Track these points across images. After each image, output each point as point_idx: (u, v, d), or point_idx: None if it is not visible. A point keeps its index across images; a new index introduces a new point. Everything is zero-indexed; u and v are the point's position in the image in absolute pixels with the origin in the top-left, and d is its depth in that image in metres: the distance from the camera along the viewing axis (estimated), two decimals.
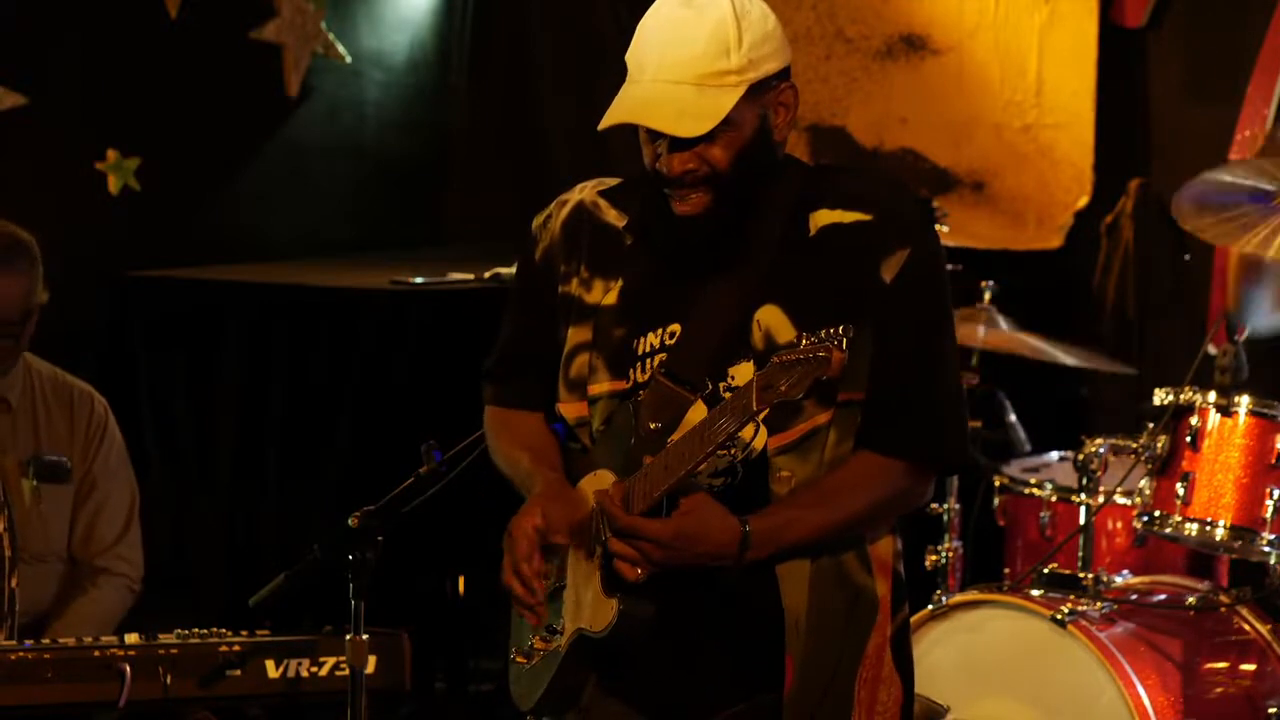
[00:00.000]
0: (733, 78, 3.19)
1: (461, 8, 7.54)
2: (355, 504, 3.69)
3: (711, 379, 3.25)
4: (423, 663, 4.54)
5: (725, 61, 3.18)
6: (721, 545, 3.18)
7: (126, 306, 6.33)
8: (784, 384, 3.02)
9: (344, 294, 6.30)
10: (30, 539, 4.58)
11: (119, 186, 6.40)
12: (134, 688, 4.08)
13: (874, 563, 3.31)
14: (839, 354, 3.00)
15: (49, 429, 4.68)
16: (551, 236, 3.44)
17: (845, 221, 3.26)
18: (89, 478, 4.71)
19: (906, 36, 6.76)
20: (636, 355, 3.31)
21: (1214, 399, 4.80)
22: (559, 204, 3.47)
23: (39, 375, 4.71)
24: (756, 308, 3.25)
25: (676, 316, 3.30)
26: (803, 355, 3.02)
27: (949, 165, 6.71)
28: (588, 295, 3.36)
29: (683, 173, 3.22)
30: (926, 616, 4.91)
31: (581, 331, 3.36)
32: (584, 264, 3.38)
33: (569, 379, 3.36)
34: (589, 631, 3.28)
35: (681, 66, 3.18)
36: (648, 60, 3.21)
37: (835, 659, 3.27)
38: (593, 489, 3.31)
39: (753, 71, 3.20)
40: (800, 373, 3.01)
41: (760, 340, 3.24)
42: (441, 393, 5.77)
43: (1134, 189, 6.44)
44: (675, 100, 3.18)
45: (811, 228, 3.26)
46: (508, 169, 7.62)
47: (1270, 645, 4.91)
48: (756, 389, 3.05)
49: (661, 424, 3.26)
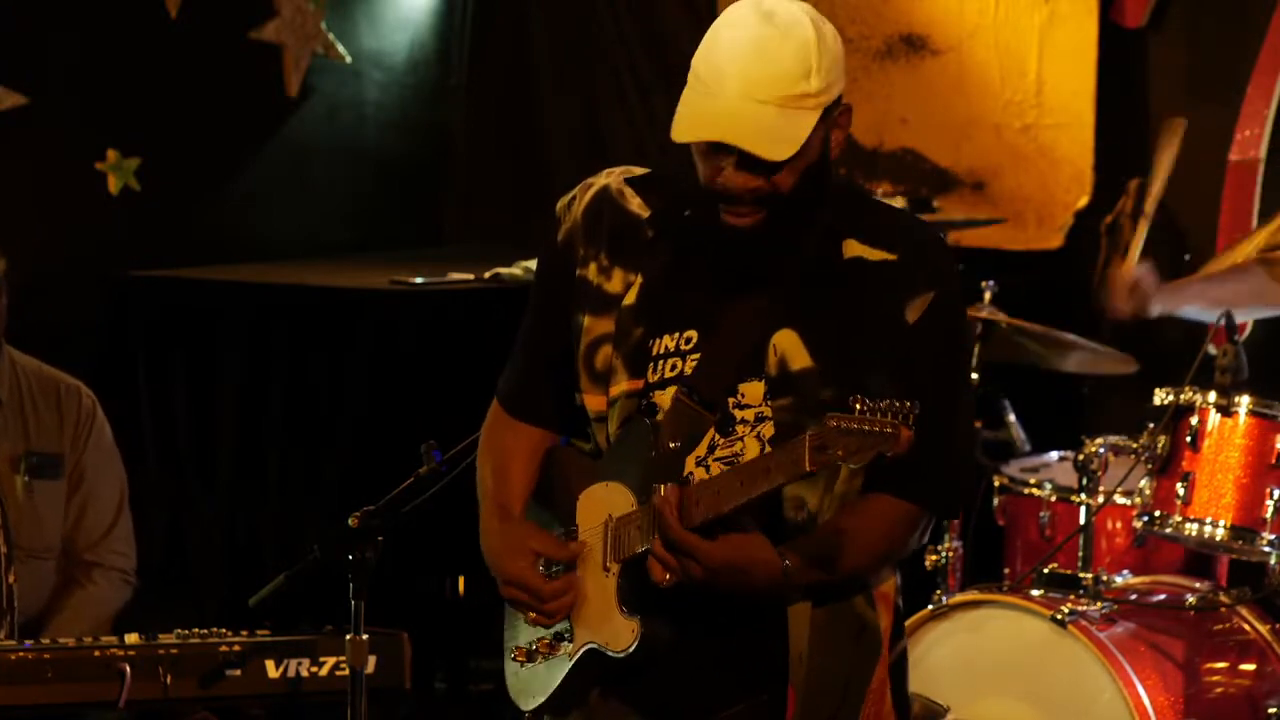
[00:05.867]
0: (811, 100, 3.14)
1: (461, 8, 7.54)
2: (355, 504, 3.69)
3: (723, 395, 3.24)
4: (423, 663, 4.54)
5: (806, 84, 3.13)
6: (760, 581, 3.17)
7: (126, 306, 6.32)
8: (841, 450, 2.95)
9: (344, 294, 6.30)
10: (24, 535, 4.57)
11: (119, 186, 6.40)
12: (134, 688, 4.08)
13: (877, 598, 3.31)
14: (907, 432, 2.93)
15: (38, 424, 4.66)
16: (574, 220, 3.40)
17: (871, 259, 3.23)
18: (78, 470, 4.70)
19: (906, 36, 6.75)
20: (651, 356, 3.29)
21: (1214, 399, 4.80)
22: (584, 187, 3.42)
23: (24, 370, 4.70)
24: (775, 330, 3.23)
25: (694, 323, 3.28)
26: (865, 426, 2.94)
27: (949, 165, 6.71)
28: (608, 284, 3.33)
29: (745, 191, 3.17)
30: (926, 616, 4.91)
31: (604, 323, 3.32)
32: (604, 251, 3.34)
33: (594, 370, 3.33)
34: (605, 649, 3.28)
35: (766, 85, 3.12)
36: (728, 74, 3.14)
37: (840, 691, 3.27)
38: (602, 499, 3.31)
39: (827, 95, 3.17)
40: (861, 443, 2.94)
41: (774, 365, 3.22)
42: (441, 393, 5.78)
43: (1134, 189, 6.43)
44: (759, 120, 3.12)
45: (843, 255, 3.24)
46: (507, 169, 7.62)
47: (1270, 645, 4.91)
48: (810, 448, 3.00)
49: (680, 443, 3.25)
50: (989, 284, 5.82)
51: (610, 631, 3.27)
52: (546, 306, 3.43)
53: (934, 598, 5.02)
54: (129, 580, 4.75)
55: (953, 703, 4.74)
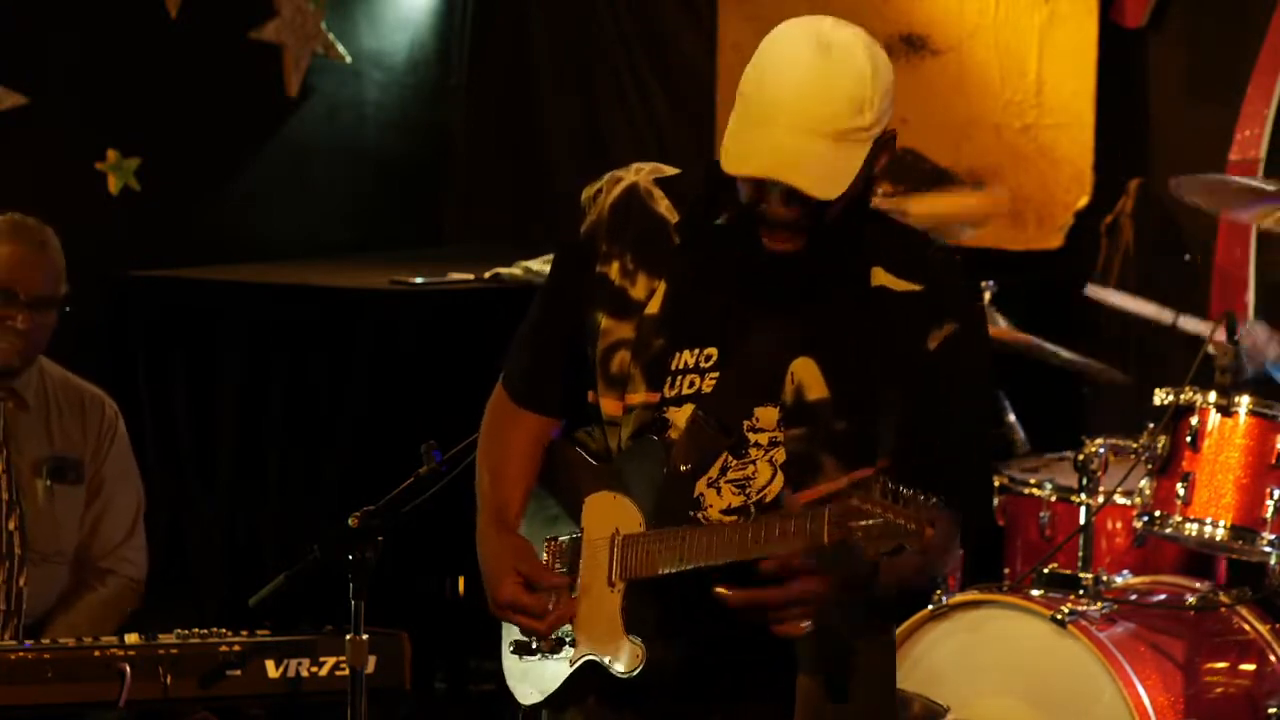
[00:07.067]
0: (864, 134, 3.10)
1: (461, 8, 7.55)
2: (355, 504, 3.69)
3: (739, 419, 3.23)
4: (423, 663, 4.54)
5: (860, 118, 3.09)
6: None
7: (126, 306, 6.33)
8: (861, 532, 2.92)
9: (344, 294, 6.30)
10: (40, 539, 4.60)
11: (119, 186, 6.40)
12: (134, 688, 4.08)
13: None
14: (930, 531, 2.90)
15: (61, 430, 4.69)
16: (600, 213, 3.34)
17: (896, 289, 3.21)
18: (98, 478, 4.73)
19: (906, 36, 6.75)
20: (670, 370, 3.26)
21: (1214, 399, 4.80)
22: (611, 180, 3.36)
23: (50, 377, 4.73)
24: (794, 357, 3.21)
25: (714, 341, 3.25)
26: (889, 515, 2.92)
27: (949, 165, 6.70)
28: (631, 288, 3.29)
29: (790, 219, 3.14)
30: (926, 616, 4.91)
31: (623, 328, 3.29)
32: (630, 252, 3.31)
33: (609, 374, 3.30)
34: (608, 667, 3.27)
35: (822, 120, 3.07)
36: (782, 105, 3.08)
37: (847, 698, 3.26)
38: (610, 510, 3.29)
39: (878, 127, 3.12)
40: (883, 530, 2.91)
41: (790, 393, 3.20)
42: (441, 393, 5.78)
43: (1134, 189, 6.44)
44: (813, 155, 3.07)
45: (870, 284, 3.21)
46: (507, 169, 7.62)
47: (1270, 645, 4.91)
48: (830, 522, 2.97)
49: (691, 465, 3.23)
50: (989, 284, 5.81)
51: (614, 649, 3.26)
52: (561, 299, 3.39)
53: (934, 598, 5.02)
54: (137, 590, 4.76)
55: (953, 703, 4.74)
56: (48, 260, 4.63)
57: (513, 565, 3.32)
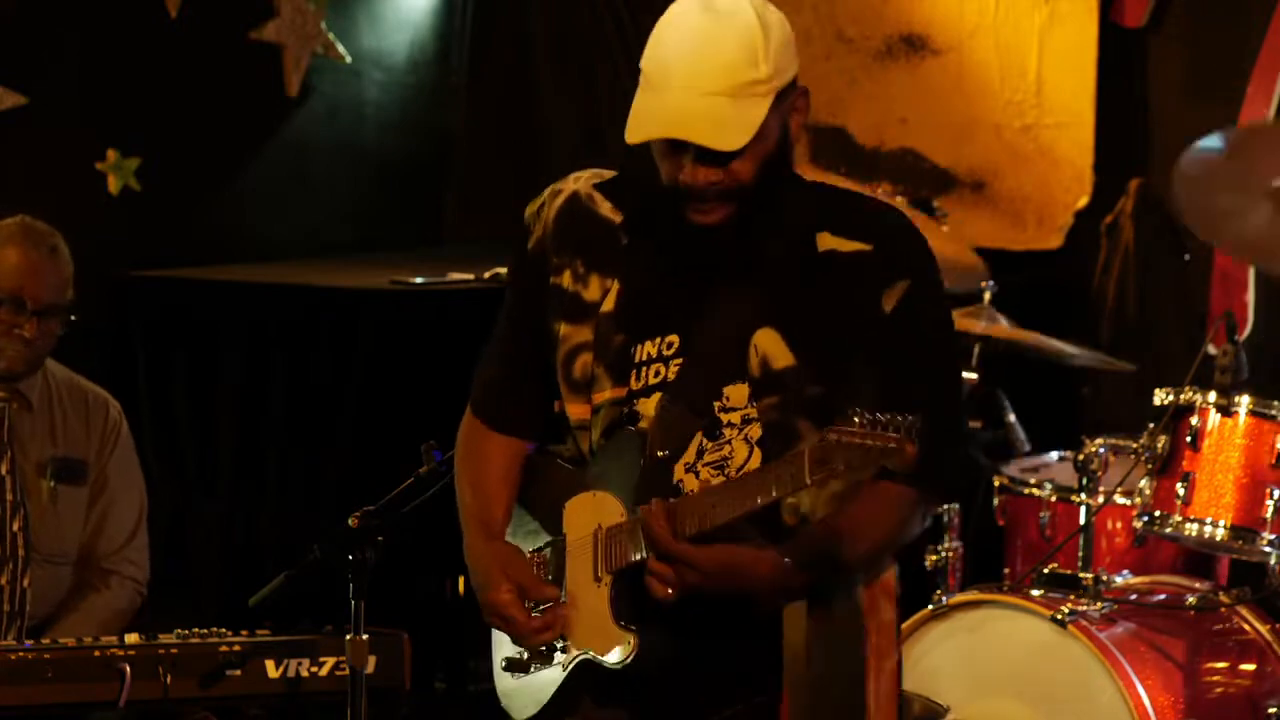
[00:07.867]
0: (762, 87, 3.13)
1: (461, 8, 7.54)
2: (355, 504, 3.69)
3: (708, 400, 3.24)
4: (423, 663, 4.54)
5: (755, 70, 3.12)
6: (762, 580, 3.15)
7: (126, 306, 6.33)
8: (842, 464, 2.94)
9: (344, 294, 6.30)
10: (44, 539, 4.59)
11: (119, 186, 6.40)
12: (134, 688, 4.08)
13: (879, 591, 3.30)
14: (912, 447, 2.91)
15: (66, 431, 4.69)
16: (545, 226, 3.41)
17: (845, 250, 3.22)
18: (101, 479, 4.72)
19: (906, 37, 6.76)
20: (634, 363, 3.28)
21: (1214, 399, 4.80)
22: (552, 193, 3.43)
23: (55, 378, 4.73)
24: (755, 330, 3.22)
25: (675, 327, 3.27)
26: (867, 440, 2.92)
27: (949, 165, 6.71)
28: (585, 292, 3.33)
29: (708, 185, 3.16)
30: (926, 616, 4.91)
31: (581, 331, 3.32)
32: (580, 258, 3.34)
33: (572, 379, 3.32)
34: (600, 660, 3.28)
35: (713, 76, 3.11)
36: (674, 68, 3.13)
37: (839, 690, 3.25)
38: (591, 508, 3.30)
39: (778, 79, 3.14)
40: (864, 457, 2.92)
41: (756, 366, 3.22)
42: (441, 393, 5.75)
43: (1134, 189, 6.44)
44: (711, 112, 3.11)
45: (818, 249, 3.23)
46: (508, 169, 7.61)
47: (1270, 645, 4.91)
48: (810, 461, 2.98)
49: (669, 451, 3.24)
50: (989, 284, 5.82)
51: (605, 643, 3.27)
52: (520, 315, 3.42)
53: (934, 598, 5.02)
54: (140, 591, 4.76)
55: (953, 703, 4.73)
56: (57, 267, 4.62)
57: (503, 573, 3.33)
